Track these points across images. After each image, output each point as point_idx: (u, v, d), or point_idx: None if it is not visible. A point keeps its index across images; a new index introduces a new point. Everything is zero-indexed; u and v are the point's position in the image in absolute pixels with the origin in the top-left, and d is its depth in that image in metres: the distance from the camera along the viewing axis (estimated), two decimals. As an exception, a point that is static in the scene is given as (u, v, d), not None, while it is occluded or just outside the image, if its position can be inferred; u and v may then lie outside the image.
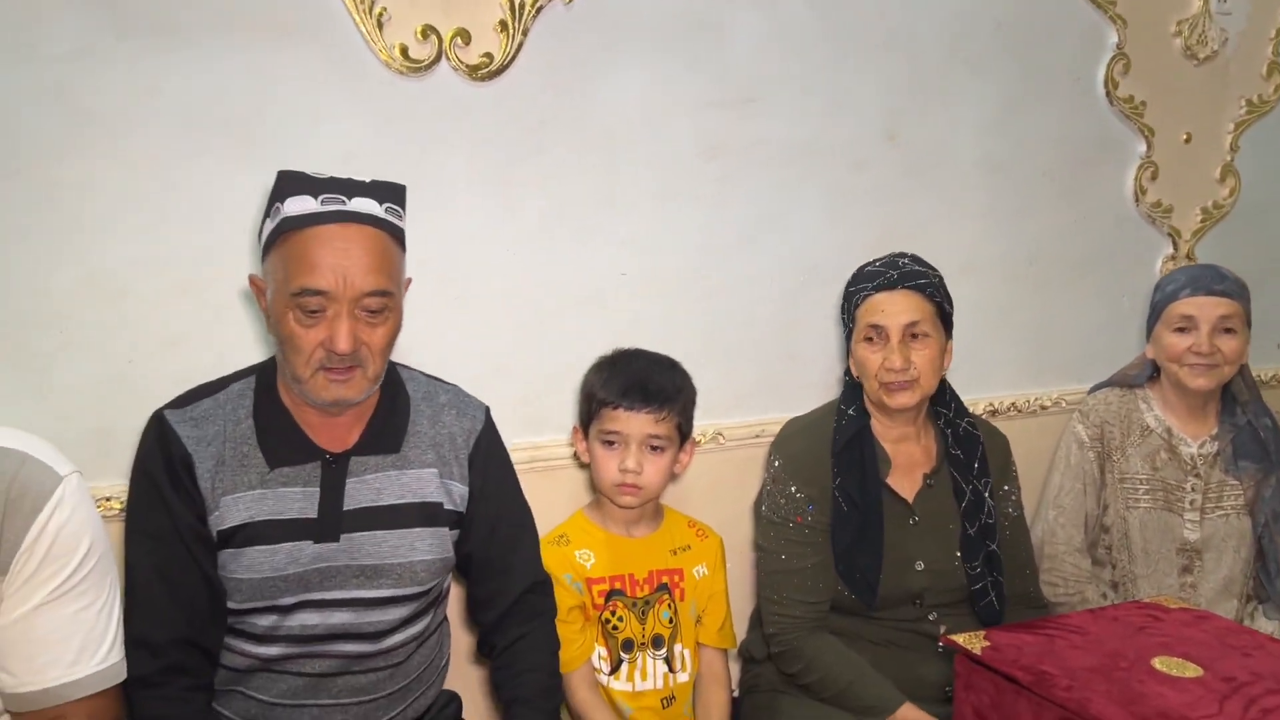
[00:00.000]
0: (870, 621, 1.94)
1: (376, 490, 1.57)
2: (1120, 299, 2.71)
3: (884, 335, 1.92)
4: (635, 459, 1.85)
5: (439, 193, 1.96)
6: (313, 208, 1.45)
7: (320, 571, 1.53)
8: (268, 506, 1.51)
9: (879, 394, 1.94)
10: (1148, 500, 2.21)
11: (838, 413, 2.00)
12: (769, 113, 2.24)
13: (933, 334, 1.93)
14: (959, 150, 2.46)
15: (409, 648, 1.63)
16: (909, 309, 1.91)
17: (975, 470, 1.99)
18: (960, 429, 2.03)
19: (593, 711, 1.82)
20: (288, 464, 1.54)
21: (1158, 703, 1.38)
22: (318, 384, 1.47)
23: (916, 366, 1.91)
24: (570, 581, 1.85)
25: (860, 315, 1.96)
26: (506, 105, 2.00)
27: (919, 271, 1.95)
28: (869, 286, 1.95)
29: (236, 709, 1.57)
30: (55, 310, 1.73)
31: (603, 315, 2.14)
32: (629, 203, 2.14)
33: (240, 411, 1.55)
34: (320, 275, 1.43)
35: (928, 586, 1.94)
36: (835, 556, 1.92)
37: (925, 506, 1.97)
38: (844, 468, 1.94)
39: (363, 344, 1.47)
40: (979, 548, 1.95)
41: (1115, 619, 1.68)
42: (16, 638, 1.33)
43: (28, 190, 1.68)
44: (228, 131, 1.79)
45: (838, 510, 1.93)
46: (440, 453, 1.64)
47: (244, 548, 1.50)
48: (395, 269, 1.52)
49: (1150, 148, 2.66)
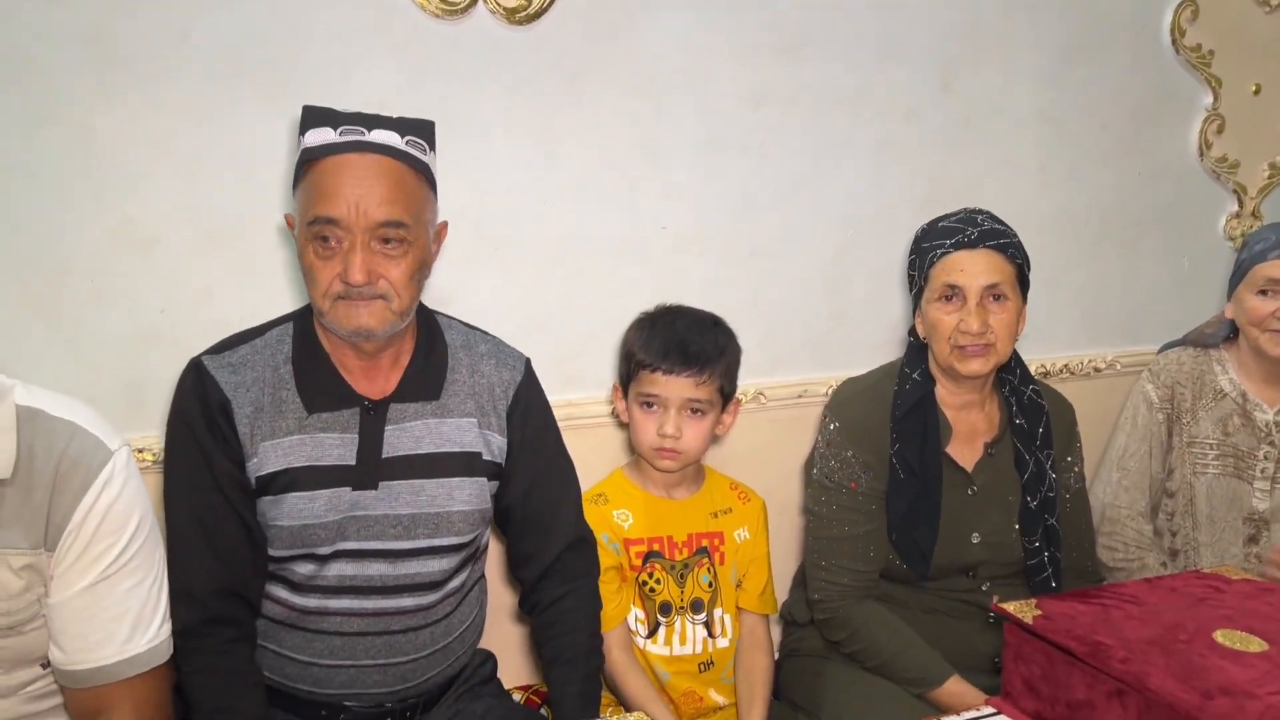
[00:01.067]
0: (921, 590, 1.89)
1: (415, 438, 1.55)
2: (1180, 258, 2.62)
3: (961, 296, 1.80)
4: (674, 423, 1.80)
5: (475, 141, 1.91)
6: (331, 138, 1.43)
7: (357, 520, 1.51)
8: (306, 452, 1.50)
9: (950, 358, 1.83)
10: (1217, 466, 2.13)
11: (900, 375, 1.90)
12: (818, 59, 2.16)
13: (1011, 297, 1.81)
14: (1015, 101, 2.37)
15: (447, 604, 1.61)
16: (990, 269, 1.79)
17: (1039, 441, 1.90)
18: (1025, 397, 1.92)
19: (626, 674, 1.79)
20: (326, 409, 1.52)
21: (1219, 677, 1.31)
22: (337, 314, 1.45)
23: (994, 331, 1.79)
24: (607, 542, 1.82)
25: (935, 274, 1.83)
26: (545, 50, 1.94)
27: (1000, 230, 1.83)
28: (947, 244, 1.82)
29: (271, 666, 1.56)
30: (88, 260, 1.71)
31: (642, 270, 2.09)
32: (671, 153, 2.08)
33: (278, 357, 1.53)
34: (333, 204, 1.41)
35: (984, 559, 1.87)
36: (889, 525, 1.85)
37: (985, 477, 1.89)
38: (904, 435, 1.85)
39: (380, 277, 1.44)
40: (1038, 521, 1.87)
41: (1174, 589, 1.61)
42: (69, 616, 1.31)
43: (63, 138, 1.67)
44: (260, 78, 1.75)
45: (894, 478, 1.85)
46: (479, 402, 1.61)
47: (283, 494, 1.49)
48: (414, 202, 1.47)
49: (1217, 99, 2.55)
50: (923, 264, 1.87)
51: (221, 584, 1.47)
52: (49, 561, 1.29)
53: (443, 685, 1.66)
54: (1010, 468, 1.90)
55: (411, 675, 1.58)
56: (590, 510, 1.83)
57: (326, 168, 1.42)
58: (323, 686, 1.55)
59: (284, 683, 1.56)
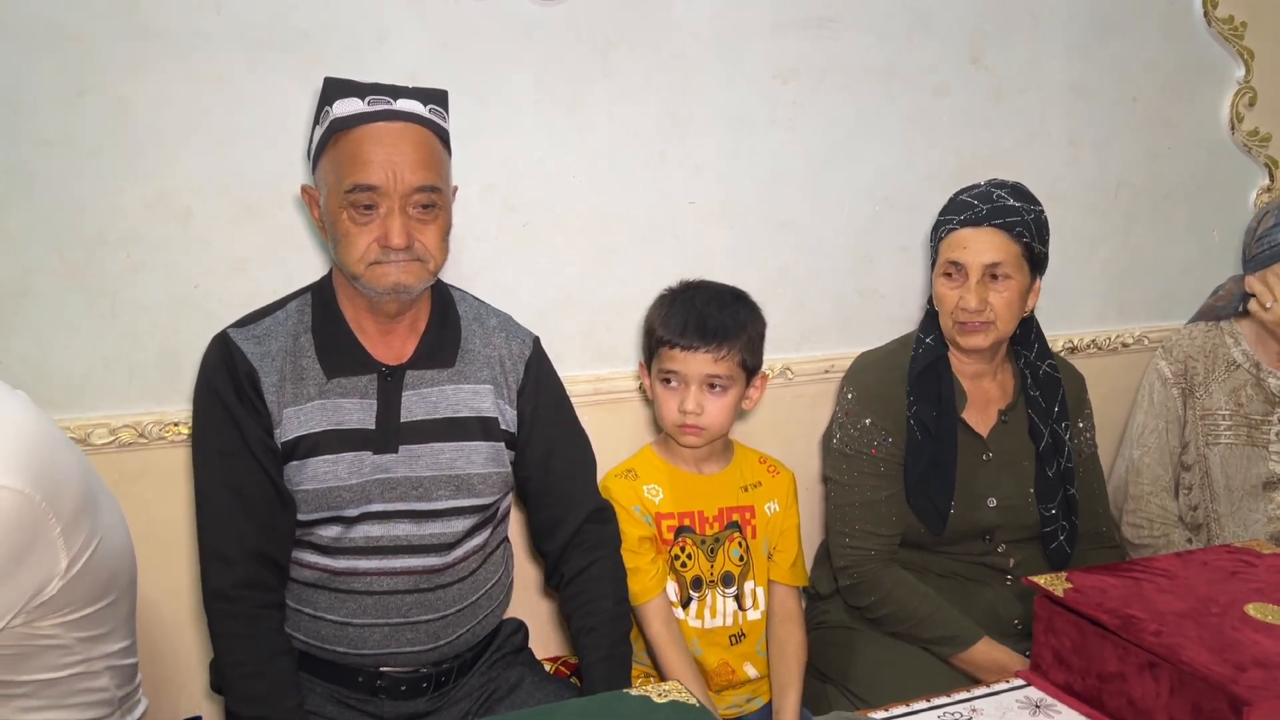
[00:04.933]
0: (937, 555, 1.92)
1: (432, 403, 1.59)
2: (1211, 233, 2.60)
3: (963, 273, 1.84)
4: (695, 400, 1.79)
5: (504, 115, 1.91)
6: (361, 108, 1.47)
7: (380, 483, 1.55)
8: (327, 417, 1.53)
9: (952, 331, 1.88)
10: (1229, 436, 2.13)
11: (916, 340, 1.95)
12: (847, 33, 2.14)
13: (1015, 276, 1.83)
14: (1046, 74, 2.35)
15: (472, 561, 1.63)
16: (991, 248, 1.82)
17: (1055, 414, 1.93)
18: (1040, 371, 1.95)
19: (667, 647, 1.79)
20: (344, 375, 1.56)
21: (1253, 650, 1.32)
22: (374, 274, 1.49)
23: (993, 308, 1.83)
24: (640, 514, 1.83)
25: (943, 249, 1.88)
26: (575, 24, 1.93)
27: (1011, 208, 1.83)
28: (956, 219, 1.86)
29: (307, 630, 1.59)
30: (124, 231, 1.72)
31: (671, 244, 2.09)
32: (700, 128, 2.07)
33: (299, 327, 1.57)
34: (372, 171, 1.45)
35: (999, 523, 1.90)
36: (907, 486, 1.89)
37: (1000, 443, 1.93)
38: (919, 395, 1.89)
39: (417, 240, 1.49)
40: (1056, 490, 1.91)
41: (1205, 563, 1.61)
42: None
43: (98, 108, 1.67)
44: (292, 49, 1.76)
45: (912, 439, 1.89)
46: (493, 372, 1.65)
47: (307, 458, 1.52)
48: (443, 167, 1.54)
49: (1249, 72, 2.52)
50: (935, 236, 1.92)
51: (255, 546, 1.50)
52: None
53: (475, 652, 1.68)
54: (1025, 435, 1.94)
55: (444, 633, 1.60)
56: (621, 485, 1.84)
57: (359, 137, 1.46)
58: (358, 648, 1.57)
59: (321, 646, 1.58)
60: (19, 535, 1.20)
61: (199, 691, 1.86)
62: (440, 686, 1.64)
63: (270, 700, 1.47)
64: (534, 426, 1.67)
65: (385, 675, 1.60)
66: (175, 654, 1.84)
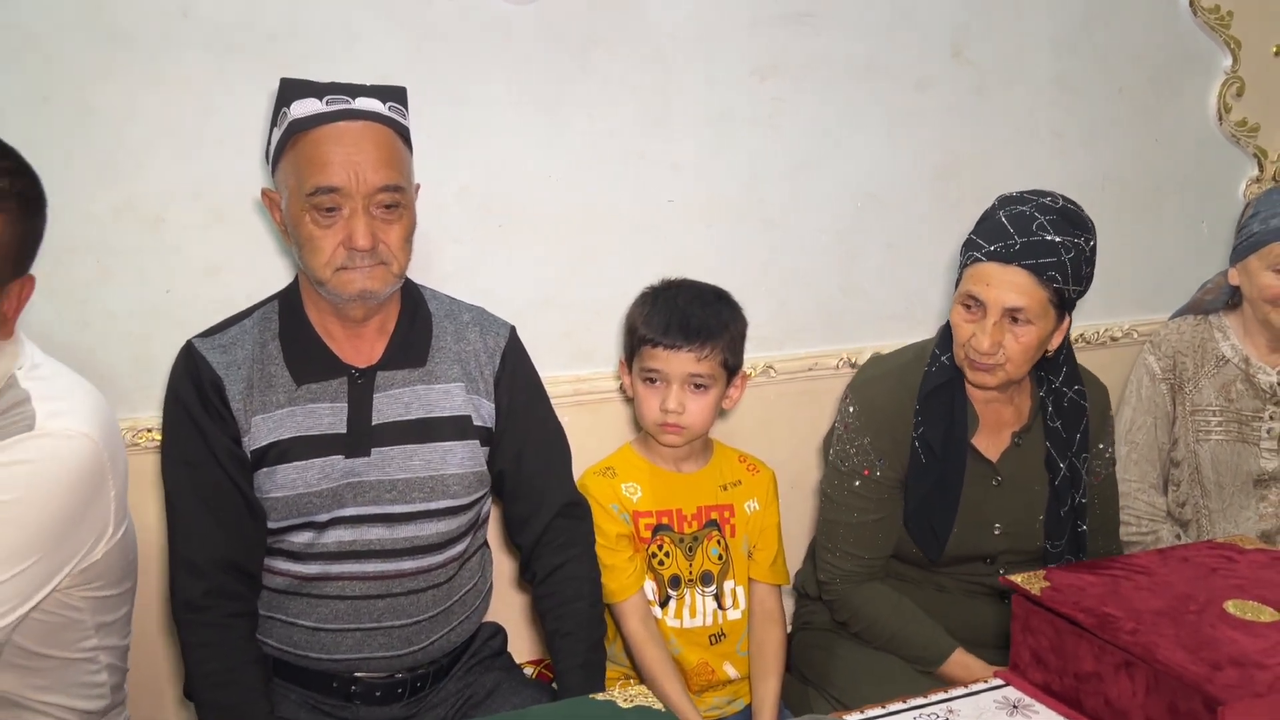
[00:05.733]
0: (936, 573, 1.86)
1: (405, 404, 1.58)
2: (1199, 224, 2.58)
3: (981, 309, 1.68)
4: (676, 399, 1.78)
5: (480, 116, 1.90)
6: (319, 108, 1.46)
7: (353, 486, 1.53)
8: (297, 423, 1.52)
9: (961, 363, 1.76)
10: (1220, 432, 2.11)
11: (931, 356, 1.82)
12: (827, 28, 2.13)
13: (1037, 322, 1.66)
14: (1030, 67, 2.33)
15: (449, 568, 1.62)
16: (1015, 291, 1.64)
17: (1075, 446, 1.79)
18: (1066, 399, 1.79)
19: (644, 645, 1.78)
20: (314, 380, 1.55)
21: (1230, 649, 1.30)
22: (340, 281, 1.48)
23: (1006, 352, 1.67)
24: (617, 512, 1.82)
25: (965, 277, 1.72)
26: (550, 23, 1.92)
27: (1048, 245, 1.63)
28: (984, 249, 1.67)
29: (279, 636, 1.58)
30: (94, 238, 1.72)
31: (651, 244, 2.08)
32: (679, 126, 2.06)
33: (266, 334, 1.56)
34: (333, 172, 1.43)
35: (1004, 549, 1.82)
36: (906, 510, 1.81)
37: (1011, 468, 1.82)
38: (929, 416, 1.77)
39: (381, 242, 1.47)
40: (1066, 527, 1.80)
41: (1185, 559, 1.59)
42: None
43: (66, 115, 1.67)
44: (261, 54, 1.75)
45: (915, 461, 1.79)
46: (465, 368, 1.63)
47: (277, 465, 1.51)
48: (405, 165, 1.52)
49: (1236, 61, 2.50)
50: (963, 258, 1.74)
51: (224, 556, 1.49)
52: None
53: (452, 657, 1.67)
54: (1038, 459, 1.82)
55: (416, 639, 1.59)
56: (599, 483, 1.83)
57: (318, 138, 1.45)
58: (331, 653, 1.56)
59: (294, 652, 1.57)
60: (90, 484, 1.33)
61: (172, 700, 1.86)
62: (416, 692, 1.63)
63: (240, 709, 1.46)
64: (510, 417, 1.66)
65: (359, 681, 1.59)
66: (149, 661, 1.83)
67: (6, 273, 1.27)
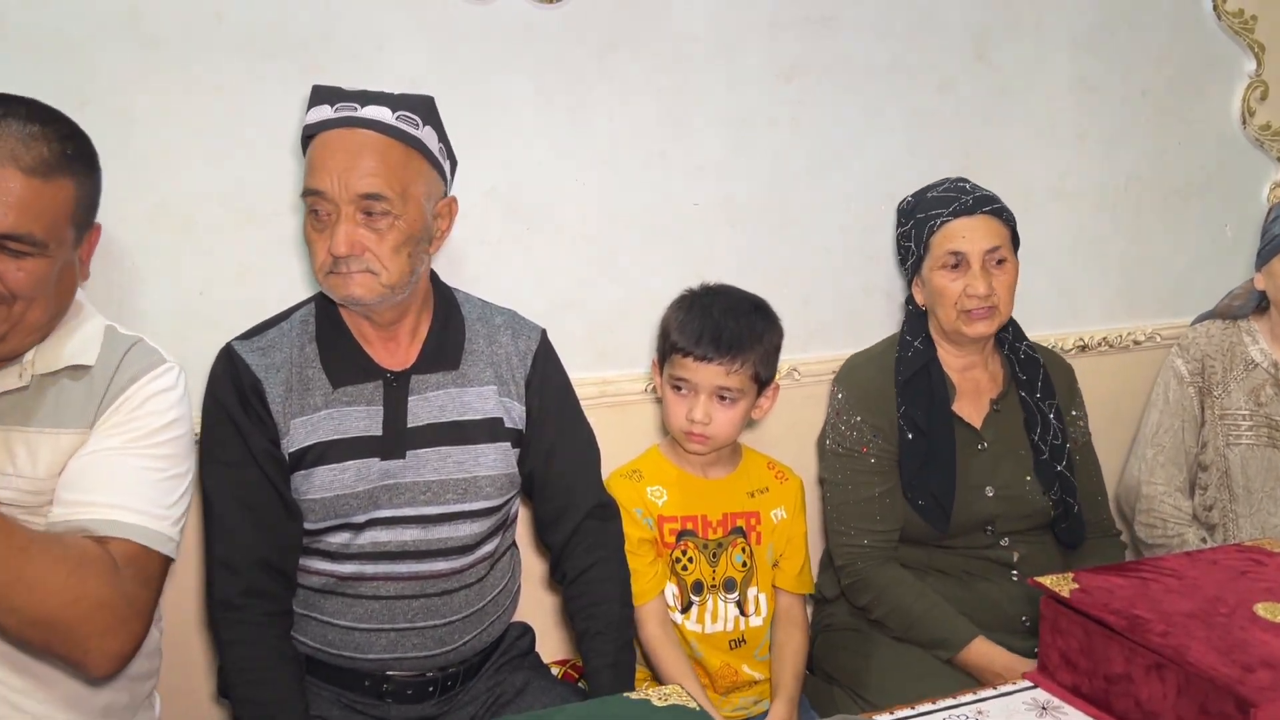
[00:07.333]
0: (942, 551, 1.92)
1: (439, 407, 1.59)
2: (1223, 228, 2.57)
3: (965, 262, 1.88)
4: (703, 410, 1.78)
5: (505, 119, 1.91)
6: (327, 115, 1.49)
7: (388, 488, 1.55)
8: (333, 425, 1.54)
9: (957, 323, 1.90)
10: (1250, 437, 2.10)
11: (901, 344, 1.98)
12: (849, 30, 2.13)
13: (1009, 259, 1.91)
14: (1052, 69, 2.33)
15: (480, 568, 1.64)
16: (990, 234, 1.88)
17: (1040, 392, 1.97)
18: (1021, 353, 2.01)
19: (661, 649, 1.78)
20: (349, 383, 1.56)
21: (1261, 651, 1.30)
22: (331, 284, 1.51)
23: (997, 293, 1.88)
24: (641, 516, 1.82)
25: (936, 242, 1.91)
26: (574, 27, 1.93)
27: (990, 196, 1.92)
28: (944, 213, 1.90)
29: (315, 635, 1.59)
30: (128, 241, 1.73)
31: (674, 246, 2.08)
32: (701, 128, 2.06)
33: (304, 337, 1.58)
34: (319, 177, 1.47)
35: (999, 513, 1.91)
36: (904, 486, 1.90)
37: (994, 432, 1.95)
38: (909, 397, 1.92)
39: (365, 249, 1.47)
40: (1051, 470, 1.94)
41: (1214, 562, 1.59)
42: (79, 469, 1.34)
43: (103, 119, 1.66)
44: (292, 57, 1.76)
45: (903, 439, 1.91)
46: (498, 371, 1.65)
47: (314, 467, 1.53)
48: (400, 175, 1.49)
49: (1260, 65, 2.49)
50: (921, 233, 1.94)
51: (261, 556, 1.51)
52: (88, 436, 1.36)
53: (482, 656, 1.68)
54: (1018, 422, 1.96)
55: (449, 639, 1.61)
56: (624, 485, 1.84)
57: (320, 143, 1.49)
58: (365, 653, 1.57)
59: (328, 651, 1.59)
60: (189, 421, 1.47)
61: (206, 697, 1.87)
62: (446, 690, 1.64)
63: (274, 707, 1.48)
64: (540, 419, 1.68)
65: (391, 679, 1.60)
66: (184, 659, 1.85)
67: (84, 223, 1.39)
